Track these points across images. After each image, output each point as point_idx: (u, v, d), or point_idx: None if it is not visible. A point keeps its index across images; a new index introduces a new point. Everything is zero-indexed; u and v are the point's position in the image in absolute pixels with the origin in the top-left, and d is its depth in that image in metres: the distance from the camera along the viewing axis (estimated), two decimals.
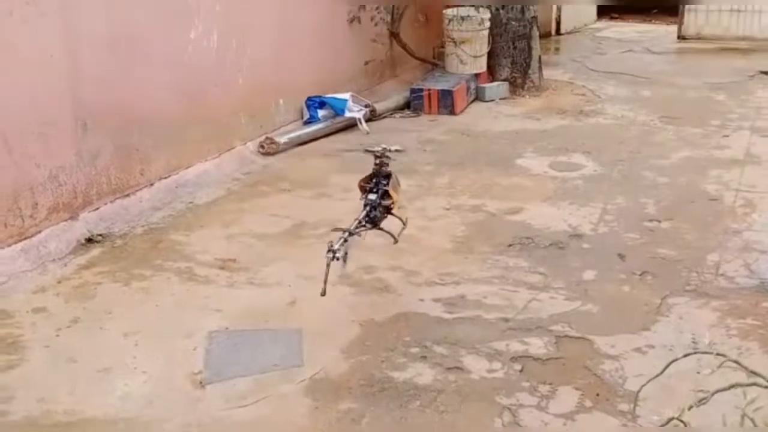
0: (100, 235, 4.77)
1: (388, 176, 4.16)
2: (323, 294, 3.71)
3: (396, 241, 4.12)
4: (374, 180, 4.18)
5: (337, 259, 3.80)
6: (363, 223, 4.04)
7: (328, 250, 3.75)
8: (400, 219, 4.18)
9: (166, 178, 5.45)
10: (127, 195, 5.16)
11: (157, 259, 4.53)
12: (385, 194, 4.14)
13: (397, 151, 4.22)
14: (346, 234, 3.92)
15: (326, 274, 3.71)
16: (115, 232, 4.84)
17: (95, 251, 4.63)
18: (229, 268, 4.41)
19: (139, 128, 5.25)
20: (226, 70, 5.99)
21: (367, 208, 4.08)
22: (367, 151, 4.23)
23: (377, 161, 4.16)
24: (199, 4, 5.65)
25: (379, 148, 4.17)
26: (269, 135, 6.30)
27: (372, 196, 4.10)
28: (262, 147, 6.22)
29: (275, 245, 4.71)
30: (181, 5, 5.52)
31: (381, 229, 4.12)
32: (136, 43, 5.17)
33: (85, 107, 4.81)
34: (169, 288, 4.22)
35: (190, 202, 5.33)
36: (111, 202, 5.04)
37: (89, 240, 4.71)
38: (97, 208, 4.94)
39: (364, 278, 4.29)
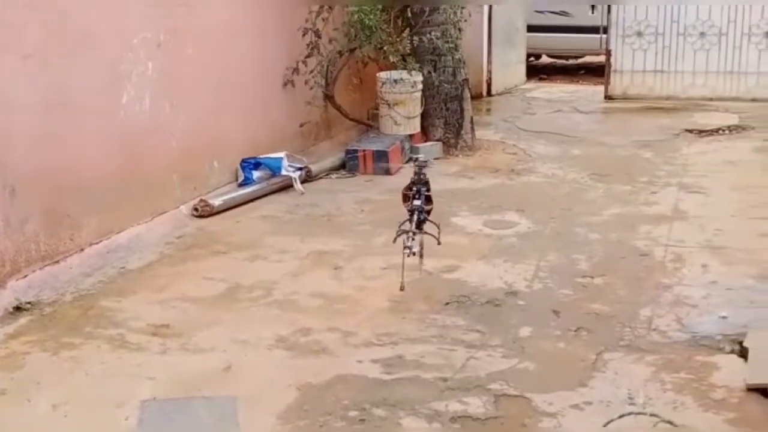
0: (29, 303, 4.64)
1: (426, 183, 4.66)
2: (402, 289, 4.42)
3: (439, 242, 4.61)
4: (415, 187, 4.66)
5: (414, 254, 4.39)
6: (413, 229, 4.49)
7: (405, 247, 4.35)
8: (435, 223, 4.63)
9: (97, 243, 5.35)
10: (57, 261, 5.05)
11: (87, 326, 4.42)
12: (428, 199, 4.64)
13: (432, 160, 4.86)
14: (411, 231, 4.43)
15: (402, 268, 4.37)
16: (44, 300, 4.71)
17: (23, 320, 4.50)
18: (162, 335, 4.32)
19: (70, 193, 5.16)
20: (160, 134, 5.95)
21: (415, 213, 4.55)
22: (409, 159, 4.64)
23: (416, 170, 4.66)
24: (131, 70, 5.62)
25: (418, 158, 4.78)
26: (203, 197, 6.25)
27: (417, 202, 4.59)
28: (196, 209, 6.16)
29: (209, 309, 4.64)
30: (113, 71, 5.49)
31: (426, 232, 4.56)
32: (68, 108, 5.11)
33: (13, 172, 4.72)
34: (100, 356, 4.11)
35: (122, 268, 5.23)
36: (40, 269, 4.92)
37: (17, 308, 4.58)
38: (26, 276, 4.81)
39: (301, 341, 4.25)
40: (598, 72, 11.87)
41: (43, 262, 4.96)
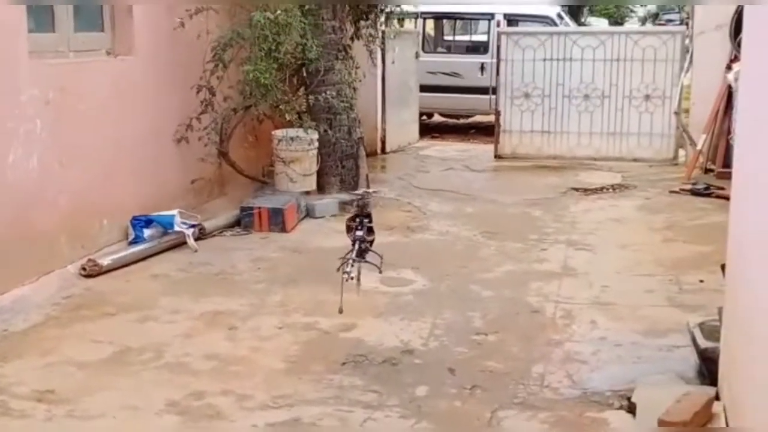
0: None
1: (368, 215, 4.99)
2: (341, 312, 4.73)
3: (381, 271, 5.04)
4: (358, 219, 4.99)
5: (352, 278, 4.73)
6: (353, 257, 4.81)
7: (343, 272, 4.70)
8: (377, 254, 5.02)
9: None
10: None
11: None
12: (369, 230, 4.98)
13: (374, 192, 4.99)
14: (351, 259, 4.77)
15: (341, 292, 4.68)
16: None
17: None
18: (48, 401, 4.14)
19: None
20: (47, 192, 5.79)
21: (356, 243, 4.86)
22: (350, 193, 5.34)
23: (359, 202, 5.03)
24: (18, 128, 5.47)
25: (361, 191, 5.13)
26: (92, 257, 6.08)
27: (359, 233, 4.92)
28: (84, 269, 5.98)
29: (98, 374, 4.48)
30: None
31: (368, 261, 4.90)
32: None
33: None
34: None
35: (5, 330, 5.02)
36: None
37: None
38: None
39: (194, 405, 4.14)
40: (488, 131, 12.21)
41: None
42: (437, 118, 14.50)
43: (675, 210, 8.11)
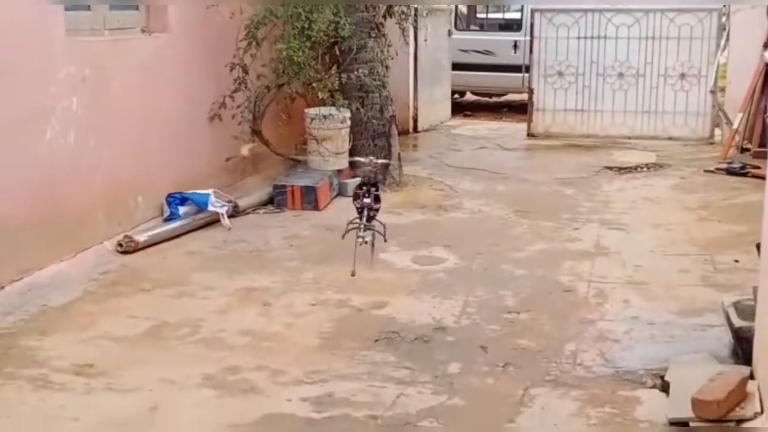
0: None
1: (375, 183, 5.22)
2: (353, 274, 4.98)
3: (386, 240, 5.26)
4: (365, 187, 5.22)
5: (366, 242, 5.00)
6: (363, 222, 5.06)
7: (357, 236, 4.95)
8: (381, 223, 5.28)
9: (18, 280, 5.22)
10: None
11: (7, 366, 4.29)
12: (376, 198, 5.21)
13: (383, 163, 5.59)
14: (363, 224, 5.04)
15: (354, 256, 4.91)
16: None
17: None
18: (86, 374, 4.21)
19: None
20: (83, 169, 5.86)
21: (364, 210, 5.09)
22: (353, 161, 5.61)
23: (366, 170, 5.19)
24: (55, 106, 5.54)
25: (367, 159, 5.34)
26: (128, 233, 6.15)
27: (367, 200, 5.16)
28: (120, 245, 6.06)
29: (135, 348, 4.56)
30: (36, 106, 5.40)
31: (374, 228, 5.11)
32: None
33: None
34: (22, 397, 3.99)
35: (44, 305, 5.10)
36: None
37: None
38: None
39: (229, 379, 4.19)
40: (520, 110, 12.15)
41: None
42: (469, 96, 14.44)
43: (710, 189, 8.04)
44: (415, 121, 11.24)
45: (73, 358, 4.38)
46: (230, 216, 6.83)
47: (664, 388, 4.04)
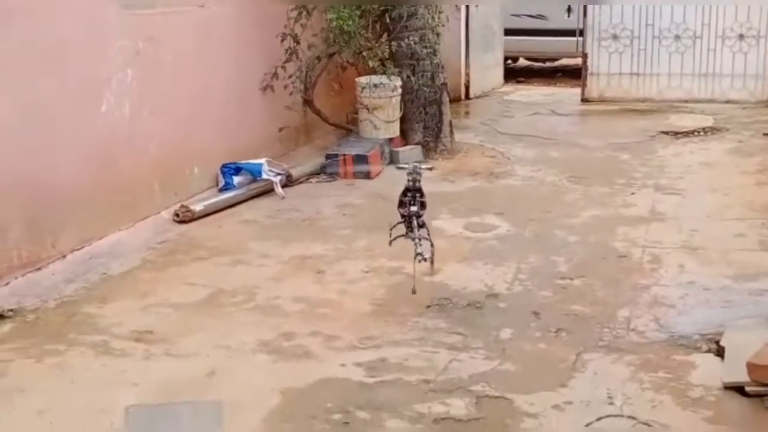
0: (11, 310, 4.64)
1: (420, 190, 4.88)
2: (414, 292, 4.58)
3: (426, 259, 4.76)
4: (409, 194, 4.89)
5: (425, 259, 4.65)
6: (417, 235, 4.76)
7: (416, 253, 4.58)
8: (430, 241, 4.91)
9: (78, 249, 5.36)
10: (39, 268, 5.05)
11: (70, 333, 4.43)
12: (423, 205, 4.87)
13: (427, 169, 5.18)
14: (418, 238, 4.71)
15: (414, 272, 4.60)
16: (26, 307, 4.71)
17: (6, 327, 4.49)
18: (146, 341, 4.33)
19: (51, 201, 5.17)
20: (139, 140, 5.97)
21: (413, 218, 4.81)
22: (398, 168, 5.22)
23: (410, 177, 4.85)
24: (110, 77, 5.64)
25: (410, 166, 4.93)
26: (184, 203, 6.26)
27: (414, 208, 4.84)
28: (177, 215, 6.17)
29: (192, 315, 4.66)
30: (91, 79, 5.51)
31: (419, 239, 4.75)
32: (47, 116, 5.13)
33: None
34: (84, 362, 4.12)
35: (104, 273, 5.24)
36: (22, 276, 4.93)
37: (0, 316, 4.58)
38: (8, 283, 4.82)
39: (284, 345, 4.27)
40: (574, 75, 11.97)
41: (24, 269, 4.96)
42: (522, 62, 14.27)
43: None
44: (467, 87, 11.16)
45: (132, 325, 4.50)
46: (283, 185, 6.90)
47: (719, 352, 4.01)
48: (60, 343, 4.31)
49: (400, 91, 7.99)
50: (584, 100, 10.77)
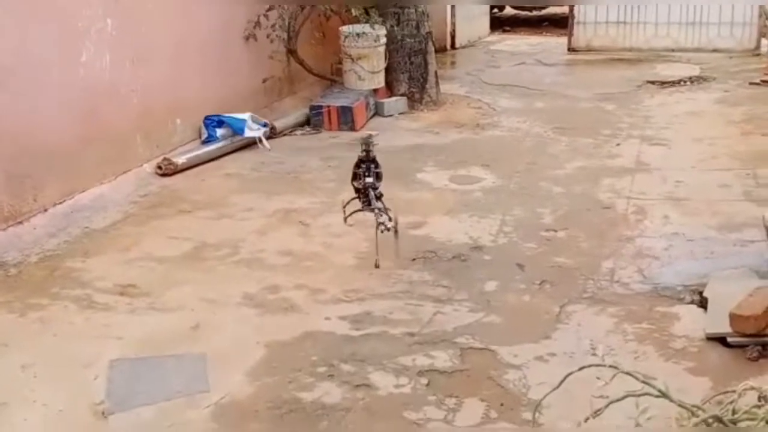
0: None
1: (374, 160, 4.64)
2: (377, 266, 4.40)
3: (389, 229, 4.47)
4: (364, 164, 4.65)
5: (389, 229, 4.42)
6: (368, 204, 4.58)
7: (378, 223, 4.38)
8: (388, 214, 4.57)
9: (60, 203, 5.32)
10: (20, 222, 5.01)
11: (53, 287, 4.40)
12: (378, 176, 4.64)
13: (378, 134, 4.93)
14: (377, 209, 4.49)
15: (377, 245, 4.41)
16: (8, 261, 4.68)
17: None
18: (129, 294, 4.32)
19: (31, 154, 5.11)
20: (120, 92, 5.88)
21: (369, 190, 4.58)
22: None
23: (363, 147, 4.63)
24: (89, 27, 5.54)
25: (365, 134, 4.71)
26: (167, 156, 6.20)
27: (369, 179, 4.61)
28: (160, 168, 6.11)
29: (176, 269, 4.64)
30: (70, 29, 5.41)
31: (380, 210, 4.53)
32: (25, 69, 5.05)
33: None
34: (67, 317, 4.11)
35: (87, 227, 5.20)
36: (3, 230, 4.89)
37: None
38: None
39: (269, 298, 4.27)
40: (561, 24, 11.87)
41: (6, 223, 4.92)
42: (509, 10, 14.12)
43: (755, 102, 7.85)
44: (453, 37, 11.04)
45: (116, 279, 4.48)
46: (267, 138, 6.84)
47: (703, 303, 4.03)
48: (43, 297, 4.29)
49: (384, 40, 7.90)
50: (571, 50, 10.69)
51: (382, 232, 4.44)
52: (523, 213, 5.35)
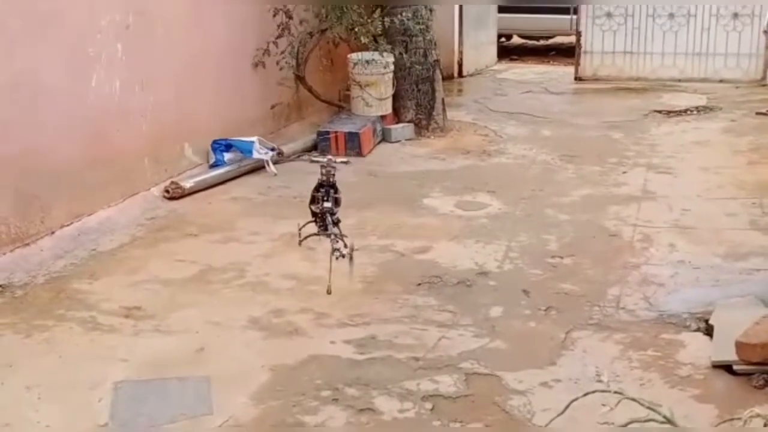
0: (0, 285, 4.62)
1: (334, 185, 4.57)
2: (329, 292, 4.27)
3: (343, 256, 4.40)
4: (323, 189, 4.60)
5: (344, 256, 4.34)
6: (324, 229, 4.51)
7: (333, 249, 4.29)
8: (345, 244, 4.50)
9: (68, 225, 5.34)
10: (28, 244, 5.03)
11: (59, 308, 4.41)
12: (336, 202, 4.59)
13: (342, 162, 4.51)
14: (334, 235, 4.42)
15: (330, 270, 4.29)
16: (15, 283, 4.70)
17: None
18: (135, 316, 4.32)
19: (40, 176, 5.14)
20: (130, 116, 5.92)
21: (327, 215, 4.52)
22: (312, 161, 4.48)
23: (323, 170, 4.56)
24: (100, 52, 5.59)
25: (325, 159, 4.59)
26: (174, 179, 6.23)
27: (327, 204, 4.54)
28: (167, 191, 6.14)
29: (182, 291, 4.65)
30: (81, 54, 5.46)
31: (336, 235, 4.46)
32: (35, 91, 5.09)
33: None
34: (73, 338, 4.11)
35: (93, 250, 5.22)
36: (10, 251, 4.91)
37: None
38: None
39: (274, 321, 4.27)
40: (568, 53, 11.93)
41: (13, 245, 4.94)
42: (516, 39, 14.21)
43: (761, 132, 7.86)
44: (460, 65, 11.10)
45: (121, 301, 4.48)
46: (275, 162, 6.87)
47: (708, 331, 4.02)
48: (48, 318, 4.29)
49: (392, 67, 7.95)
50: (578, 79, 10.74)
51: (336, 258, 4.36)
52: (529, 239, 5.35)
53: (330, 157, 4.71)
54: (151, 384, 3.71)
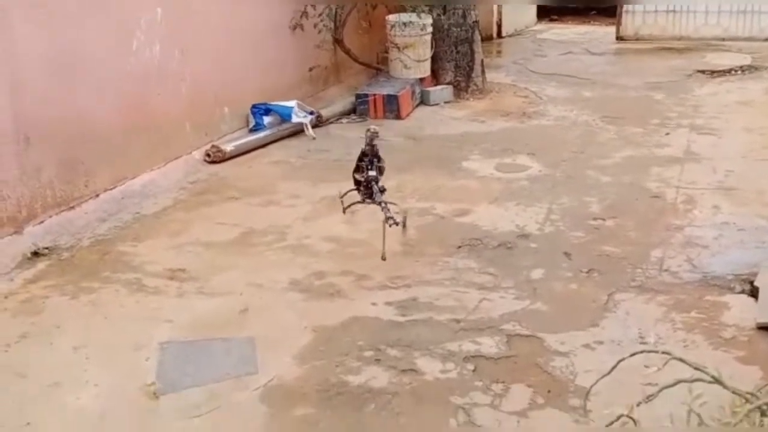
0: (46, 248, 4.71)
1: (377, 155, 4.62)
2: (384, 258, 4.32)
3: (398, 223, 4.45)
4: (367, 158, 4.62)
5: (397, 224, 4.38)
6: (368, 197, 4.59)
7: (387, 217, 4.32)
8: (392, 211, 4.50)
9: (111, 189, 5.40)
10: (72, 207, 5.10)
11: (104, 271, 4.48)
12: (380, 170, 4.63)
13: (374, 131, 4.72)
14: (384, 203, 4.47)
15: (384, 238, 4.32)
16: (61, 245, 4.78)
17: (41, 265, 4.56)
18: (179, 278, 4.38)
19: (83, 140, 5.19)
20: (170, 80, 5.95)
21: (372, 183, 4.57)
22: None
23: (367, 141, 4.60)
24: (140, 17, 5.60)
25: (371, 129, 4.67)
26: (215, 143, 6.27)
27: (372, 173, 4.58)
28: (208, 155, 6.18)
29: (224, 254, 4.69)
30: (121, 19, 5.48)
31: (386, 203, 4.49)
32: (78, 57, 5.12)
33: (26, 122, 4.75)
34: (118, 300, 4.18)
35: (137, 213, 5.28)
36: (56, 214, 4.98)
37: (35, 254, 4.65)
38: (42, 222, 4.88)
39: (315, 283, 4.30)
40: (609, 12, 11.72)
41: (59, 208, 5.02)
42: None
43: None
44: (499, 26, 10.97)
45: (166, 263, 4.54)
46: (314, 126, 6.87)
47: (753, 293, 3.98)
48: (94, 280, 4.37)
49: (430, 29, 7.88)
50: (619, 39, 10.56)
51: (390, 226, 4.39)
52: (570, 202, 5.31)
53: (374, 127, 4.79)
54: (197, 344, 3.76)
